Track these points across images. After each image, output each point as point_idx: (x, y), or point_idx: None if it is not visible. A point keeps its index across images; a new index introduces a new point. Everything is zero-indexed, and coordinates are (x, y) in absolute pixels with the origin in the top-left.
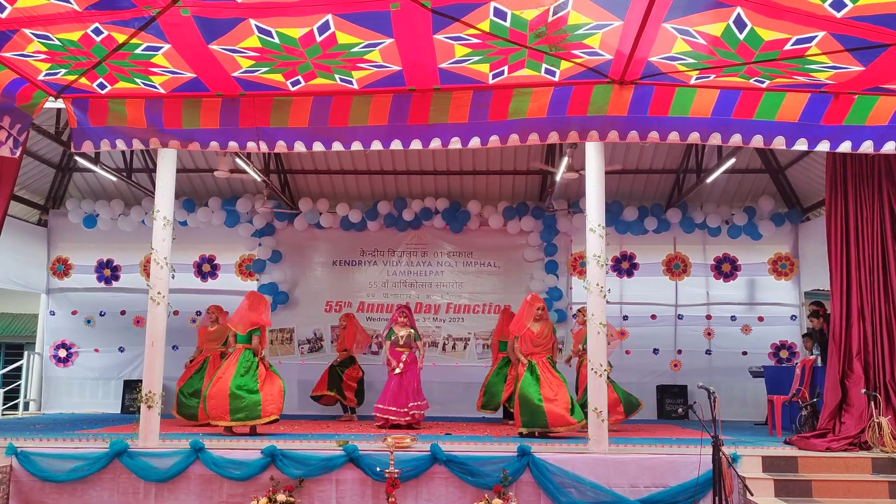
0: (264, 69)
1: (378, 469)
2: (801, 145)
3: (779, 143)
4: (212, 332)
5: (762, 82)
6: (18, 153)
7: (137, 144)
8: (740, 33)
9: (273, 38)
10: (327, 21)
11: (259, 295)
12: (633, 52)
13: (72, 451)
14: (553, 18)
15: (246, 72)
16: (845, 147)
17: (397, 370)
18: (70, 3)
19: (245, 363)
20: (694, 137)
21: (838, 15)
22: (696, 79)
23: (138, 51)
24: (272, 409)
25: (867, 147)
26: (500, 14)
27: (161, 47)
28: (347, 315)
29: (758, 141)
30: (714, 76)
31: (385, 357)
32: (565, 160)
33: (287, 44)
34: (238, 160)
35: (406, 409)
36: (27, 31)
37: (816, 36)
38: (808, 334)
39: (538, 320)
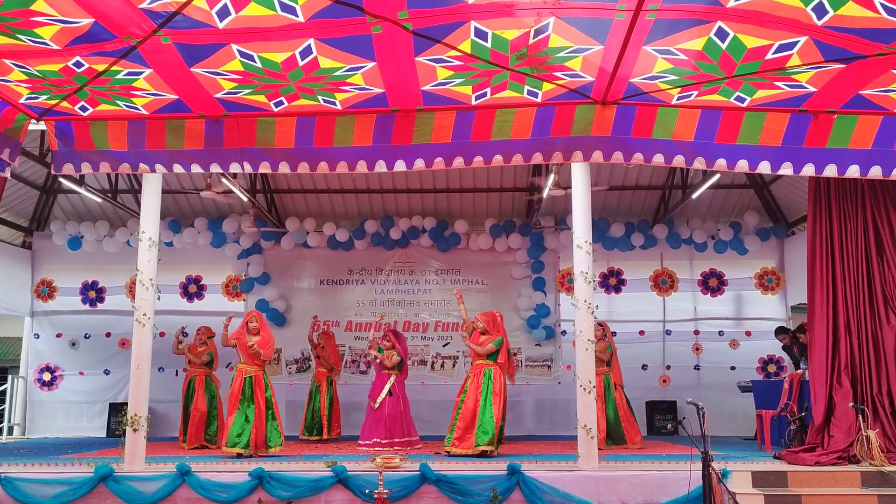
0: (247, 91)
1: (367, 490)
2: (787, 169)
3: (764, 167)
4: (200, 353)
5: (743, 99)
6: (6, 173)
7: (124, 168)
8: (722, 42)
9: (255, 62)
10: (309, 45)
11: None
12: (614, 73)
13: (56, 476)
14: (534, 40)
15: (228, 93)
16: (831, 171)
17: (376, 405)
18: (49, 44)
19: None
20: (679, 161)
21: (819, 23)
22: (678, 97)
23: (120, 76)
24: None
25: (853, 172)
26: (480, 34)
27: (142, 72)
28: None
29: (743, 165)
30: (696, 93)
31: (373, 375)
32: (552, 177)
33: (269, 68)
34: (224, 180)
35: (389, 442)
36: (7, 62)
37: (798, 41)
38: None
39: (483, 333)
